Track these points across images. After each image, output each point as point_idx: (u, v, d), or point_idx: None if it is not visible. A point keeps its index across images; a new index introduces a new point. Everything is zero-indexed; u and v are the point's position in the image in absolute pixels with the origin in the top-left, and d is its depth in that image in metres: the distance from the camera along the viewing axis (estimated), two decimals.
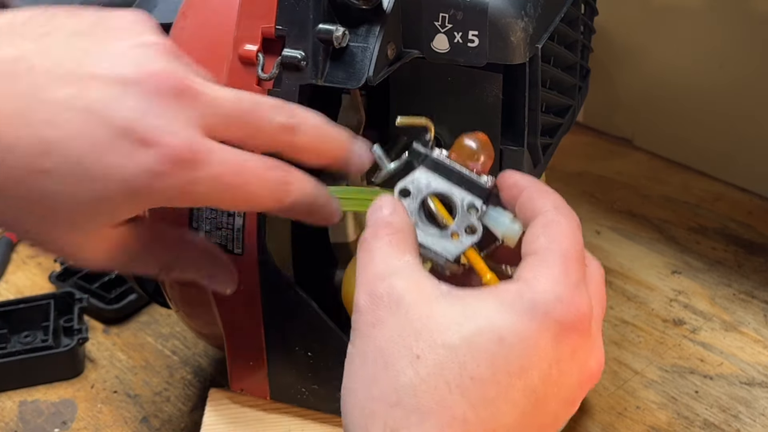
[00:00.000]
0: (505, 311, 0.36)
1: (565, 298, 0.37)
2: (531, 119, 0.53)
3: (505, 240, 0.42)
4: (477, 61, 0.49)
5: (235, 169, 0.40)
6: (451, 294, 0.38)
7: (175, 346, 0.71)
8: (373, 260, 0.39)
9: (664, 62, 0.93)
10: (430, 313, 0.37)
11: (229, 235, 0.51)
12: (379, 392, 0.36)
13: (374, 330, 0.37)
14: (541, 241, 0.39)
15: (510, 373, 0.36)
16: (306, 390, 0.56)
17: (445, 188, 0.42)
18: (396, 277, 0.38)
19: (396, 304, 0.37)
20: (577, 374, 0.38)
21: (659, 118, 0.96)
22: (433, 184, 0.42)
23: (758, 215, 0.87)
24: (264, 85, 0.49)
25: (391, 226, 0.40)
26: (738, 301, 0.75)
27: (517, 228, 0.42)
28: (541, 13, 0.51)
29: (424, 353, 0.36)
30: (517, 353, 0.36)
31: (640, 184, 0.93)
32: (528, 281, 0.38)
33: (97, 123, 0.37)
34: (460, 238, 0.41)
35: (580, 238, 0.40)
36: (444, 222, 0.42)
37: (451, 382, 0.35)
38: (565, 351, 0.37)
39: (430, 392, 0.35)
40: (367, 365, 0.37)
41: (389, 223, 0.40)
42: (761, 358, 0.69)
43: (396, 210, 0.41)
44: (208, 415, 0.59)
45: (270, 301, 0.52)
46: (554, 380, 0.37)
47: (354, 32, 0.48)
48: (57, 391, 0.67)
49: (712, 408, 0.65)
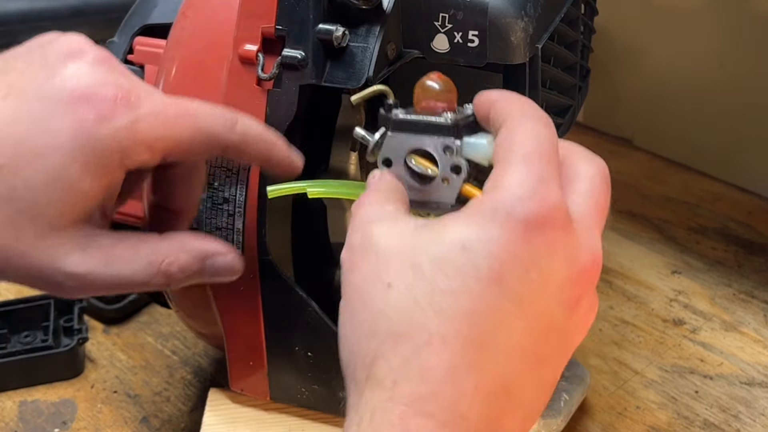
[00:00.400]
0: (469, 223, 0.36)
1: (527, 195, 0.35)
2: None
3: (491, 163, 0.41)
4: (477, 61, 0.49)
5: (177, 102, 0.42)
6: (425, 225, 0.37)
7: (175, 346, 0.71)
8: (354, 220, 0.39)
9: (664, 62, 0.94)
10: (401, 243, 0.37)
11: (229, 235, 0.51)
12: (358, 329, 0.36)
13: (352, 275, 0.37)
14: (502, 147, 0.38)
15: (480, 278, 0.34)
16: (306, 390, 0.56)
17: (417, 142, 0.42)
18: (372, 225, 0.38)
19: (370, 246, 0.37)
20: (564, 270, 0.36)
21: (659, 118, 0.96)
22: (405, 144, 0.42)
23: (758, 215, 0.87)
24: (264, 85, 0.49)
25: (376, 190, 0.41)
26: (738, 301, 0.75)
27: None
28: (541, 13, 0.51)
29: (394, 280, 0.35)
30: (483, 258, 0.34)
31: (640, 184, 0.93)
32: (489, 190, 0.36)
33: (34, 98, 0.40)
34: (450, 181, 0.41)
35: (549, 137, 0.38)
36: (431, 172, 0.41)
37: (422, 300, 0.35)
38: (539, 249, 0.35)
39: (400, 314, 0.35)
40: (347, 309, 0.37)
41: (375, 189, 0.41)
42: (761, 358, 0.69)
43: (381, 177, 0.42)
44: (208, 415, 0.59)
45: (270, 301, 0.52)
46: (536, 280, 0.35)
47: (354, 32, 0.48)
48: (57, 391, 0.67)
49: (712, 408, 0.65)
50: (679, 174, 0.95)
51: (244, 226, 0.51)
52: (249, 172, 0.50)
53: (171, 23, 0.54)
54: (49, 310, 0.70)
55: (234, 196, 0.50)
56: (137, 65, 0.58)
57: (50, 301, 0.70)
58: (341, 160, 0.57)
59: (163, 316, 0.74)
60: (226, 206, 0.51)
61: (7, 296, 0.76)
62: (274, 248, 0.51)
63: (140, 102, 0.41)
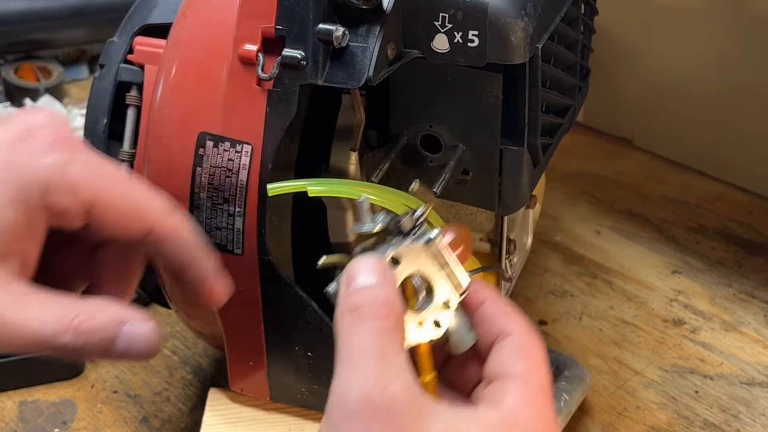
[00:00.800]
0: None
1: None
2: (531, 119, 0.53)
3: (453, 346, 0.41)
4: (477, 61, 0.49)
5: (123, 172, 0.43)
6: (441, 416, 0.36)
7: (175, 346, 0.71)
8: (369, 352, 0.36)
9: (664, 62, 0.93)
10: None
11: (229, 235, 0.51)
12: None
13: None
14: (520, 366, 0.39)
15: None
16: (306, 390, 0.56)
17: (432, 273, 0.41)
18: (395, 387, 0.35)
19: (392, 421, 0.34)
20: None
21: (659, 118, 0.96)
22: (424, 266, 0.40)
23: (758, 215, 0.87)
24: (264, 85, 0.49)
25: (387, 306, 0.37)
26: (738, 301, 0.75)
27: (471, 339, 0.41)
28: (541, 13, 0.51)
29: None
30: None
31: (640, 184, 0.93)
32: (513, 411, 0.37)
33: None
34: (424, 326, 0.40)
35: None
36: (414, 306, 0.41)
37: None
38: None
39: None
40: None
41: (386, 301, 0.38)
42: (761, 358, 0.69)
43: (387, 281, 0.38)
44: (208, 415, 0.59)
45: (270, 301, 0.52)
46: None
47: (354, 32, 0.48)
48: (57, 391, 0.67)
49: (712, 408, 0.65)
50: (679, 174, 0.95)
51: (244, 226, 0.51)
52: (249, 172, 0.50)
53: (171, 23, 0.54)
54: None
55: (234, 196, 0.50)
56: (137, 65, 0.58)
57: None
58: (341, 159, 0.57)
59: (163, 316, 0.74)
60: (226, 206, 0.51)
61: None
62: (274, 248, 0.51)
63: (80, 151, 0.41)
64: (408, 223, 0.41)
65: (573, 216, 0.87)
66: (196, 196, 0.51)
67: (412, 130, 0.56)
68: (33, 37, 1.13)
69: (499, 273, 0.60)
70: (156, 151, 0.53)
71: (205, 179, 0.51)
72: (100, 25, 1.15)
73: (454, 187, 0.56)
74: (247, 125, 0.50)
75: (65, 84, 1.14)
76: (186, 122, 0.51)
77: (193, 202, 0.51)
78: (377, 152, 0.58)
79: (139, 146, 0.57)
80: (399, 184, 0.57)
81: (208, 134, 0.50)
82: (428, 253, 0.41)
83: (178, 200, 0.52)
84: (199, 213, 0.52)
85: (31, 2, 1.12)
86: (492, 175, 0.55)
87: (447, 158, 0.55)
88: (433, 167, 0.56)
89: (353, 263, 0.39)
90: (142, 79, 0.58)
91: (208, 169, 0.51)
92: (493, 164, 0.54)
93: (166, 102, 0.52)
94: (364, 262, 0.39)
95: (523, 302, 0.75)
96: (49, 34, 1.14)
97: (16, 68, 1.10)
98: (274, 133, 0.49)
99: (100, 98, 0.59)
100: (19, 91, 1.07)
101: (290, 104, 0.48)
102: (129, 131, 0.58)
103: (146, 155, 0.53)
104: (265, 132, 0.49)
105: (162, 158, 0.52)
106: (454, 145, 0.55)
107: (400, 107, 0.55)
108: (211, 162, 0.51)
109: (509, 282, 0.62)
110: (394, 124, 0.56)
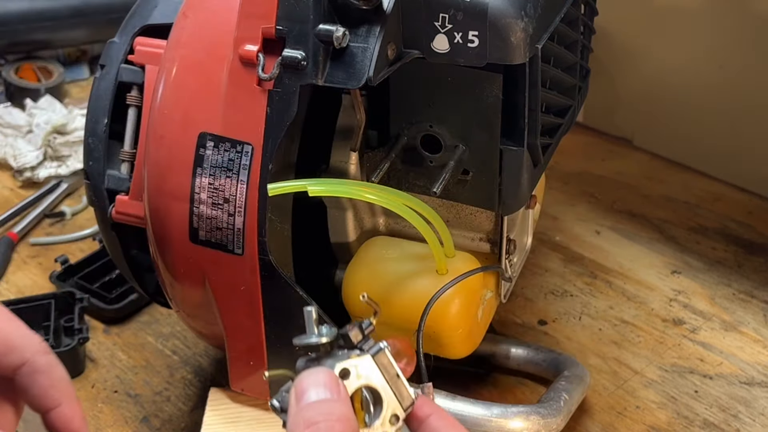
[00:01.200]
0: None
1: None
2: (531, 119, 0.53)
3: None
4: (477, 61, 0.49)
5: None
6: None
7: (176, 346, 0.71)
8: None
9: (664, 62, 0.94)
10: None
11: (229, 235, 0.51)
12: None
13: None
14: None
15: None
16: None
17: (381, 386, 0.40)
18: None
19: None
20: None
21: (659, 118, 0.96)
22: (373, 379, 0.40)
23: (758, 215, 0.87)
24: (264, 85, 0.49)
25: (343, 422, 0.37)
26: (738, 301, 0.76)
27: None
28: (541, 13, 0.51)
29: None
30: None
31: (640, 184, 0.93)
32: None
33: None
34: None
35: None
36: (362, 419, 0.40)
37: None
38: None
39: None
40: None
41: (341, 417, 0.37)
42: (761, 357, 0.69)
43: (342, 396, 0.38)
44: (209, 415, 0.59)
45: (270, 301, 0.52)
46: None
47: (354, 32, 0.48)
48: None
49: (711, 408, 0.65)
50: (679, 174, 0.95)
51: (244, 226, 0.51)
52: (249, 172, 0.50)
53: (171, 23, 0.54)
54: (50, 310, 0.70)
55: (234, 196, 0.50)
56: (138, 65, 0.58)
57: (51, 301, 0.70)
58: (341, 159, 0.57)
59: (163, 316, 0.74)
60: (226, 206, 0.51)
61: (8, 296, 0.76)
62: (274, 248, 0.52)
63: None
64: (356, 335, 0.41)
65: (573, 216, 0.87)
66: (196, 196, 0.51)
67: (412, 130, 0.56)
68: (33, 38, 1.13)
69: (499, 273, 0.60)
70: (156, 151, 0.53)
71: (206, 179, 0.51)
72: (100, 26, 1.15)
73: (454, 187, 0.56)
74: (248, 125, 0.50)
75: (66, 84, 1.14)
76: (186, 122, 0.51)
77: (193, 202, 0.52)
78: (377, 152, 0.58)
79: (140, 146, 0.57)
80: (399, 184, 0.57)
81: (208, 134, 0.51)
82: (376, 366, 0.40)
83: (178, 200, 0.52)
84: (199, 213, 0.52)
85: (31, 2, 1.12)
86: (492, 175, 0.55)
87: (447, 158, 0.55)
88: (433, 167, 0.56)
89: (303, 376, 0.38)
90: (142, 79, 0.58)
91: (209, 169, 0.51)
92: (493, 164, 0.54)
93: (166, 102, 0.52)
94: (314, 376, 0.38)
95: (523, 302, 0.75)
96: (49, 35, 1.14)
97: (17, 68, 1.11)
98: (275, 134, 0.49)
99: (100, 98, 0.59)
100: (20, 91, 1.07)
101: (290, 104, 0.48)
102: (129, 131, 0.58)
103: (147, 155, 0.53)
104: (266, 132, 0.49)
105: (162, 158, 0.52)
106: (454, 145, 0.55)
107: (400, 107, 0.55)
108: (212, 162, 0.51)
109: (509, 282, 0.62)
110: (394, 124, 0.56)
